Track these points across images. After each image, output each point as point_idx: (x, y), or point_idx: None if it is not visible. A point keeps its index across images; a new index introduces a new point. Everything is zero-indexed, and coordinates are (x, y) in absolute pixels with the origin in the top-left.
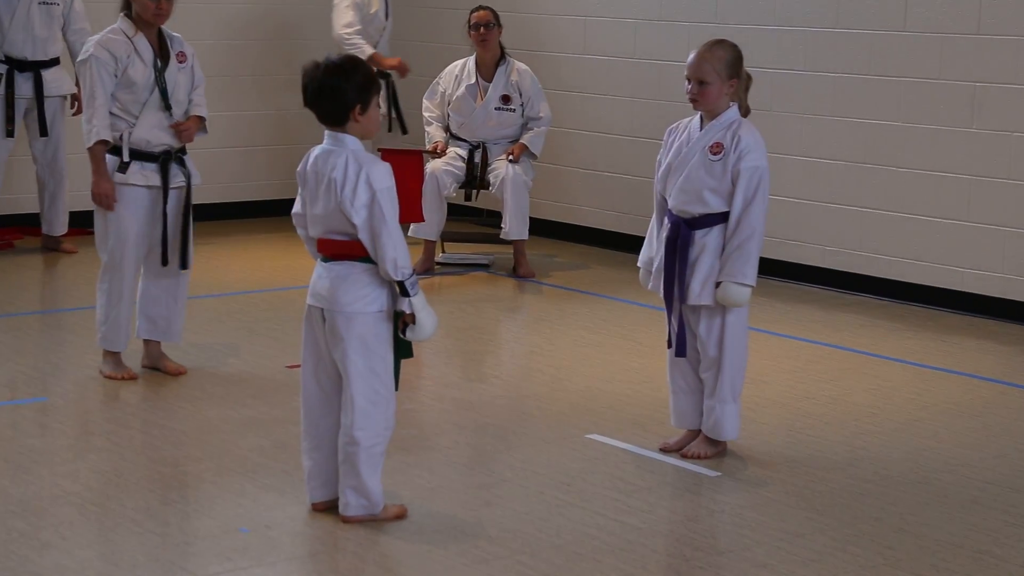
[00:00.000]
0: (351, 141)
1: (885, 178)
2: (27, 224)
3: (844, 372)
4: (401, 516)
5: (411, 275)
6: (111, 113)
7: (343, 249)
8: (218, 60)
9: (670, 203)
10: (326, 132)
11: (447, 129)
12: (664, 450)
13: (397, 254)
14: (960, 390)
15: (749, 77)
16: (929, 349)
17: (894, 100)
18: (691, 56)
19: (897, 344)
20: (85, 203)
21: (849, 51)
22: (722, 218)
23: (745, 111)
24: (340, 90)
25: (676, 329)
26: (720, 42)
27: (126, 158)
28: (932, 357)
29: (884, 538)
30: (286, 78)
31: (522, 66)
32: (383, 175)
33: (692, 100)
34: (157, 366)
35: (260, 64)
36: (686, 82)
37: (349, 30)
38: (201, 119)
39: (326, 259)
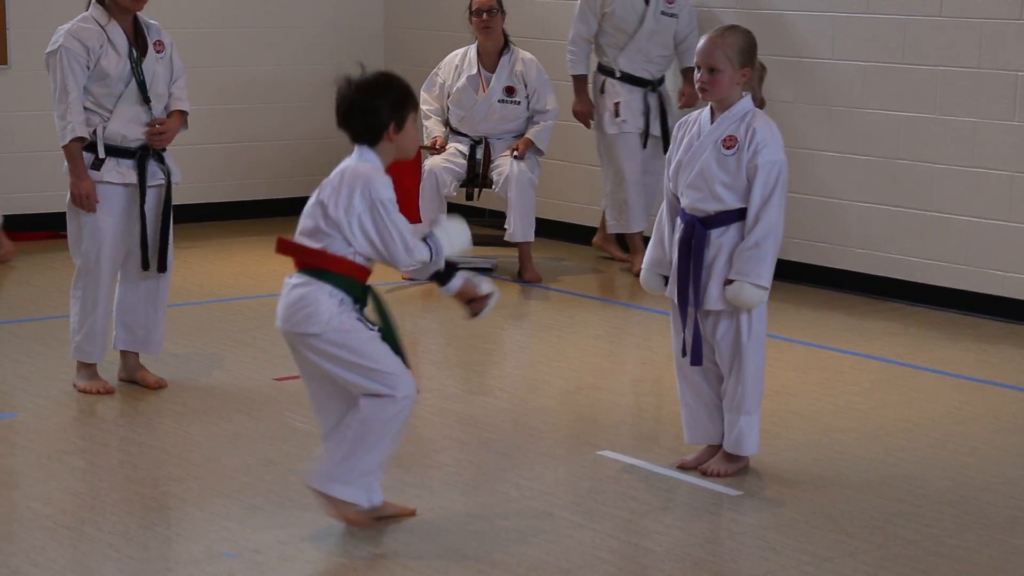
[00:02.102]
0: (370, 156)
1: (920, 175)
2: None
3: (876, 384)
4: (364, 526)
5: (427, 250)
6: (83, 108)
7: (307, 257)
8: (200, 49)
9: (683, 201)
10: (355, 146)
11: (447, 123)
12: (682, 467)
13: (405, 247)
14: (1001, 403)
15: (763, 67)
16: (968, 359)
17: (929, 91)
18: (701, 42)
19: (933, 353)
20: (56, 204)
21: (880, 38)
22: (738, 215)
23: (760, 103)
24: (373, 108)
25: (692, 336)
26: (733, 28)
27: (101, 154)
28: (971, 368)
29: (919, 562)
30: (274, 68)
31: (527, 55)
32: (382, 187)
33: (701, 89)
34: (135, 379)
35: (247, 52)
36: (696, 69)
37: (570, 46)
38: (183, 114)
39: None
